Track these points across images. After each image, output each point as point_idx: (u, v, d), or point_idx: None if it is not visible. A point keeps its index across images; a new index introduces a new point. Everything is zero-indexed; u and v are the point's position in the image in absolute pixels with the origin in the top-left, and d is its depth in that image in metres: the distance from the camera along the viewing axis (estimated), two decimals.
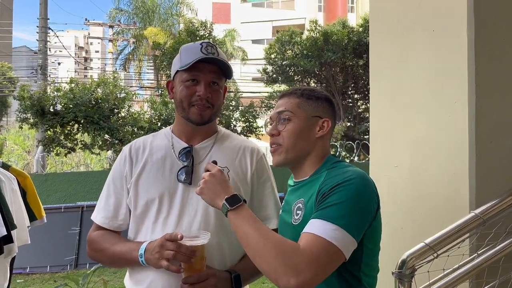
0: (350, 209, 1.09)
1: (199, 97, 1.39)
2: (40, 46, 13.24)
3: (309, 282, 1.01)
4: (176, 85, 1.45)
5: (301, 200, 1.24)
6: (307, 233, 1.08)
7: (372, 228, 1.17)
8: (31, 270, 5.94)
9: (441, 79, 1.79)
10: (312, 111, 1.30)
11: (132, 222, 1.43)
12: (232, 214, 1.14)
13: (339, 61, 13.00)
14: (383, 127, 2.24)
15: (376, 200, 1.18)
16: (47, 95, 10.25)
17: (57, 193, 7.98)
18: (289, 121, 1.28)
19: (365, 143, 10.08)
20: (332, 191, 1.12)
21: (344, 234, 1.06)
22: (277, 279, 1.02)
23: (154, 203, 1.39)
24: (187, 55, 1.40)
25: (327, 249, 1.04)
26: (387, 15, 2.22)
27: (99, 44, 45.76)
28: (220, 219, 1.38)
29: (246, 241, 1.10)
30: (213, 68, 1.42)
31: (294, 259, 1.02)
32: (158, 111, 10.86)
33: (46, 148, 10.14)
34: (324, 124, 1.30)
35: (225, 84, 1.52)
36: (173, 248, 1.23)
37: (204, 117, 1.42)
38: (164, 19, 21.49)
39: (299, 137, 1.27)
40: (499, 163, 1.61)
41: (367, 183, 1.16)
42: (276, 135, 1.30)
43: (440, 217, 1.75)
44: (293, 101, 1.30)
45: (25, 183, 2.85)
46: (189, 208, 1.38)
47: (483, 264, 1.48)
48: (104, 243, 1.42)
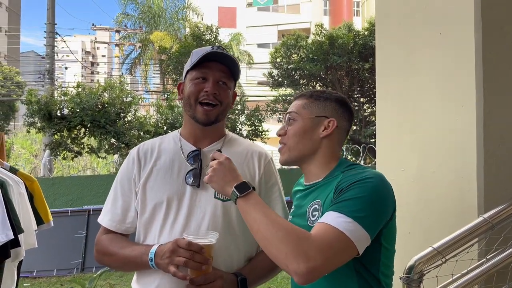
0: (366, 205, 1.09)
1: (206, 93, 1.39)
2: (48, 51, 13.36)
3: (320, 269, 1.01)
4: (185, 85, 1.46)
5: (317, 201, 1.24)
6: (320, 223, 1.09)
7: (388, 229, 1.18)
8: (37, 274, 5.96)
9: (449, 83, 1.78)
10: (318, 111, 1.32)
11: (140, 226, 1.43)
12: (241, 201, 1.15)
13: (345, 65, 12.98)
14: (389, 130, 2.23)
15: (393, 202, 1.18)
16: (54, 99, 10.33)
17: (64, 197, 8.03)
18: (293, 121, 1.33)
19: (371, 147, 10.04)
20: (350, 187, 1.13)
21: (357, 227, 1.06)
22: (287, 264, 1.01)
23: (162, 206, 1.38)
24: (197, 56, 1.42)
25: (339, 238, 1.04)
26: (394, 18, 2.21)
27: (105, 48, 46.11)
28: (228, 222, 1.38)
29: (257, 227, 1.09)
30: (222, 67, 1.43)
31: (305, 245, 1.02)
32: (164, 115, 10.90)
33: (53, 152, 10.21)
34: (330, 124, 1.31)
35: (235, 89, 1.52)
36: (186, 256, 1.22)
37: (210, 117, 1.41)
38: (170, 24, 21.62)
39: (301, 136, 1.30)
40: (507, 167, 1.60)
41: (385, 184, 1.17)
42: (282, 135, 1.35)
43: (448, 221, 1.74)
44: (300, 102, 1.35)
45: (32, 187, 2.85)
46: (197, 211, 1.37)
47: (492, 269, 1.46)
48: (113, 247, 1.40)
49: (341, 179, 1.19)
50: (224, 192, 1.21)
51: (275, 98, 14.09)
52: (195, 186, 1.39)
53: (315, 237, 1.04)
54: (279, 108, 14.24)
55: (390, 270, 1.24)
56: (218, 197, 1.39)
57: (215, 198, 1.38)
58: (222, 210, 1.38)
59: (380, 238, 1.15)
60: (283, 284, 5.20)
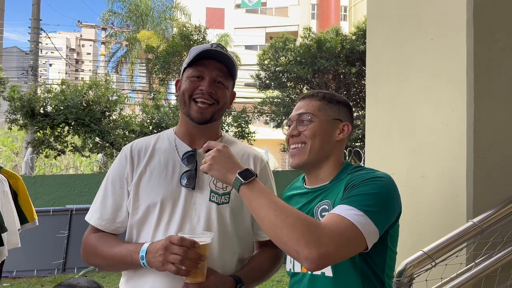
0: (377, 201, 1.09)
1: (201, 91, 1.36)
2: (32, 47, 13.12)
3: (331, 255, 1.00)
4: (182, 82, 1.43)
5: (326, 201, 1.23)
6: (331, 213, 1.08)
7: (394, 230, 1.19)
8: (17, 274, 5.83)
9: (439, 88, 1.79)
10: (333, 114, 1.31)
11: (132, 227, 1.39)
12: (246, 188, 1.11)
13: (332, 69, 13.07)
14: (379, 134, 2.24)
15: (400, 203, 1.19)
16: (38, 96, 10.17)
17: (46, 196, 7.88)
18: (311, 122, 1.29)
19: (357, 150, 10.12)
20: (362, 183, 1.13)
21: (368, 221, 1.06)
22: (298, 250, 1.00)
23: (156, 207, 1.34)
24: (195, 52, 1.39)
25: (350, 229, 1.03)
26: (385, 22, 2.22)
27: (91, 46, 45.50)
28: (222, 225, 1.36)
29: (264, 213, 1.05)
30: (219, 66, 1.40)
31: (317, 232, 1.00)
32: (150, 115, 10.81)
33: (36, 150, 10.02)
34: (345, 128, 1.31)
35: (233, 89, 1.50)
36: (179, 253, 1.18)
37: (205, 115, 1.38)
38: (157, 23, 21.50)
39: (322, 138, 1.28)
40: (497, 172, 1.61)
41: (395, 185, 1.18)
42: (296, 136, 1.30)
43: (437, 226, 1.75)
44: (314, 103, 1.32)
45: (17, 185, 2.78)
46: (192, 214, 1.35)
47: (480, 273, 1.48)
48: (101, 247, 1.36)
49: (351, 178, 1.18)
50: (226, 180, 1.15)
51: (262, 100, 14.10)
52: (190, 188, 1.36)
53: (327, 225, 1.03)
54: (266, 110, 14.24)
55: (392, 271, 1.25)
56: (213, 200, 1.36)
57: (210, 201, 1.36)
58: (217, 213, 1.35)
59: (387, 239, 1.17)
60: (268, 286, 5.19)
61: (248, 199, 1.10)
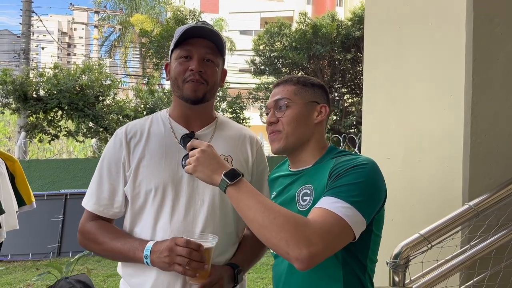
0: (363, 190, 1.09)
1: (191, 72, 1.34)
2: (23, 29, 12.90)
3: (321, 254, 1.01)
4: (171, 65, 1.41)
5: (307, 186, 1.23)
6: (317, 207, 1.08)
7: (379, 215, 1.18)
8: (12, 258, 5.83)
9: (438, 72, 1.79)
10: (309, 97, 1.31)
11: (131, 212, 1.37)
12: (232, 189, 1.10)
13: (327, 55, 13.02)
14: (376, 120, 2.25)
15: (385, 188, 1.19)
16: (30, 80, 10.03)
17: (40, 180, 7.85)
18: (287, 108, 1.29)
19: (352, 137, 10.16)
20: (346, 173, 1.12)
21: (355, 213, 1.06)
22: (288, 251, 1.00)
23: (158, 192, 1.32)
24: (180, 32, 1.36)
25: (338, 223, 1.04)
26: (383, 6, 2.21)
27: (83, 30, 44.86)
28: (224, 207, 1.35)
29: (252, 215, 1.06)
30: (206, 43, 1.37)
31: (305, 231, 1.01)
32: (144, 100, 10.74)
33: (29, 134, 9.94)
34: (322, 109, 1.31)
35: (224, 66, 1.47)
36: (183, 253, 1.18)
37: (198, 94, 1.35)
38: (151, 7, 21.16)
39: (298, 122, 1.28)
40: (493, 156, 1.63)
41: (378, 170, 1.17)
42: (275, 123, 1.30)
43: (432, 210, 1.77)
44: (289, 88, 1.31)
45: (14, 167, 2.76)
46: (196, 198, 1.34)
47: (475, 256, 1.50)
48: (102, 236, 1.34)
49: (335, 165, 1.18)
50: (212, 181, 1.14)
51: (257, 86, 14.05)
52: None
53: (314, 223, 1.03)
54: (261, 96, 14.21)
55: (376, 256, 1.25)
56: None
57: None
58: (219, 196, 1.35)
59: (372, 224, 1.16)
60: (262, 270, 5.25)
61: (236, 200, 1.09)
